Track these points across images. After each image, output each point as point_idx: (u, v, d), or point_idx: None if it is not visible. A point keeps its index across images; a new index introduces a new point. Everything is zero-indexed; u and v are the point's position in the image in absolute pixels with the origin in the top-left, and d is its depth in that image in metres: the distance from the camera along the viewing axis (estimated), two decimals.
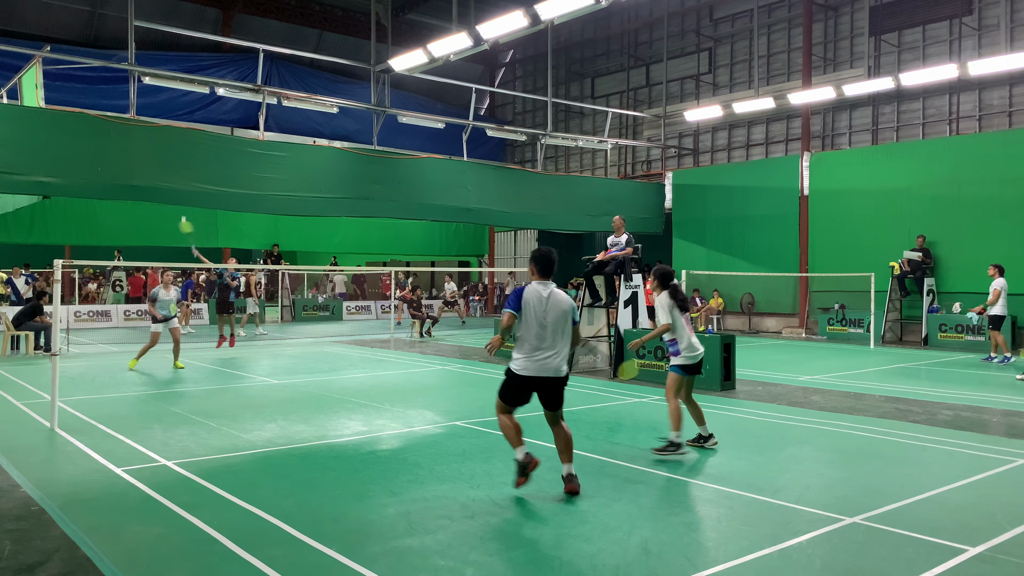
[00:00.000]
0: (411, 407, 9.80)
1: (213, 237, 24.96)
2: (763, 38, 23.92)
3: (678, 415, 7.12)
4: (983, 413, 9.43)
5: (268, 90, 19.03)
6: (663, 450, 7.09)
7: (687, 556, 4.65)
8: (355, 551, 4.68)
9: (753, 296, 22.88)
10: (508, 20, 14.48)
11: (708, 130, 25.84)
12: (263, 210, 18.36)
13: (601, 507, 5.57)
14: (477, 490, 6.00)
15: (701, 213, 24.00)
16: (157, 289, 13.67)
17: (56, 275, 8.50)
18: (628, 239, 13.00)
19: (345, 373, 13.30)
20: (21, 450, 7.32)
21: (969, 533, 5.01)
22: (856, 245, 20.27)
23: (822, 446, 7.70)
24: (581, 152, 30.13)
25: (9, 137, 13.95)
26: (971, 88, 19.77)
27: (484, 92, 32.14)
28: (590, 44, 29.58)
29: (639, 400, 10.43)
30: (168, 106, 23.76)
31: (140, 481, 6.21)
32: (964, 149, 18.88)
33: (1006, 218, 17.84)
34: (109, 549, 4.71)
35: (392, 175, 18.94)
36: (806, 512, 5.46)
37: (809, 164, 21.73)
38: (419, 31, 28.27)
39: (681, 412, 7.17)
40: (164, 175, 15.59)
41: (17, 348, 16.27)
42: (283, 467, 6.82)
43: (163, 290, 13.59)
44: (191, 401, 10.29)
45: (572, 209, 22.59)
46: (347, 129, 26.84)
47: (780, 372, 13.25)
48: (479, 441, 7.81)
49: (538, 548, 4.74)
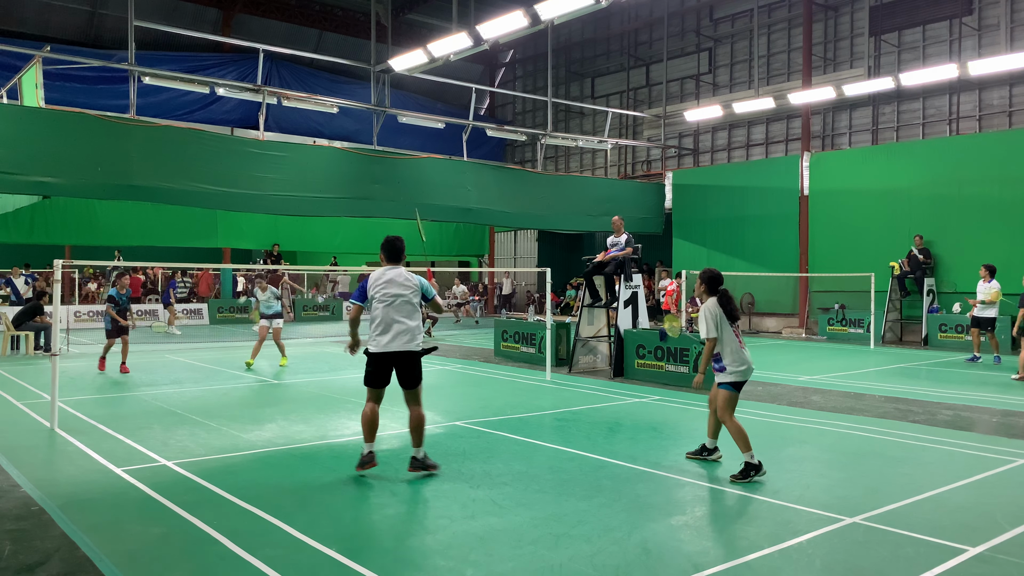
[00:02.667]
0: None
1: (213, 237, 24.99)
2: (763, 38, 23.92)
3: (742, 434, 6.29)
4: (983, 413, 9.43)
5: (268, 90, 19.03)
6: (741, 476, 6.24)
7: (687, 556, 4.65)
8: (355, 551, 4.68)
9: (753, 296, 22.87)
10: (508, 20, 14.49)
11: (708, 130, 25.84)
12: (263, 210, 18.36)
13: (601, 507, 5.57)
14: (477, 490, 6.00)
15: (701, 213, 24.00)
16: (255, 291, 14.27)
17: (56, 275, 8.49)
18: (628, 239, 13.00)
19: (345, 373, 13.30)
20: (21, 450, 7.32)
21: (969, 533, 5.01)
22: (856, 245, 20.27)
23: (822, 446, 7.70)
24: (581, 152, 30.13)
25: (9, 137, 13.95)
26: (971, 88, 19.77)
27: (484, 92, 32.13)
28: (590, 44, 29.58)
29: (639, 400, 10.43)
30: (168, 106, 23.77)
31: (140, 481, 6.21)
32: (964, 149, 18.87)
33: (1006, 218, 17.84)
34: (109, 549, 4.71)
35: (392, 175, 18.94)
36: (806, 512, 5.46)
37: (809, 164, 21.72)
38: (419, 31, 28.28)
39: (744, 431, 6.32)
40: (164, 175, 15.59)
41: (17, 348, 16.27)
42: (283, 467, 6.81)
43: (260, 292, 14.11)
44: (191, 401, 10.29)
45: (572, 209, 22.59)
46: (347, 129, 26.85)
47: (780, 372, 13.25)
48: (479, 441, 7.81)
49: (538, 548, 4.74)
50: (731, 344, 6.41)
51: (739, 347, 6.44)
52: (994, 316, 14.50)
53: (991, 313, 14.44)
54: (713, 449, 6.87)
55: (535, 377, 12.67)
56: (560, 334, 14.24)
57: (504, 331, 15.66)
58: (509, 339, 15.41)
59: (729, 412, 6.41)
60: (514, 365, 14.44)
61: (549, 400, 10.56)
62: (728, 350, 6.41)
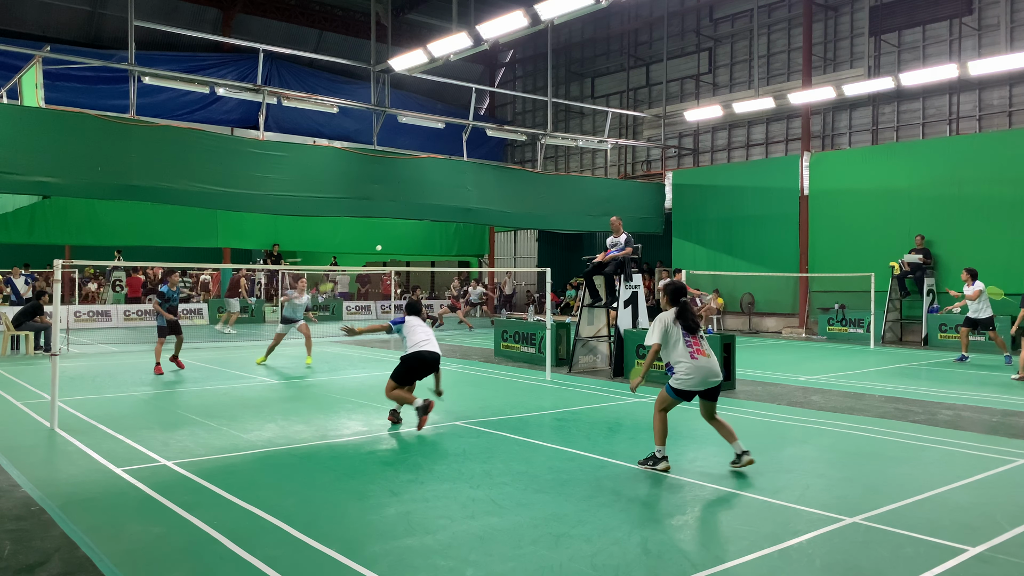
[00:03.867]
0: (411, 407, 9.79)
1: (213, 237, 24.99)
2: (763, 38, 23.92)
3: (661, 430, 6.63)
4: (983, 413, 9.43)
5: (268, 90, 19.02)
6: (646, 461, 6.72)
7: (687, 556, 4.65)
8: (355, 551, 4.68)
9: (753, 296, 22.88)
10: (508, 20, 14.48)
11: (708, 130, 25.84)
12: (263, 210, 18.36)
13: (601, 507, 5.57)
14: (477, 490, 6.00)
15: (701, 213, 24.00)
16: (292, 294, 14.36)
17: (56, 275, 8.49)
18: (627, 239, 13.00)
19: (345, 373, 13.30)
20: (21, 450, 7.32)
21: (969, 533, 5.01)
22: (856, 245, 20.28)
23: (822, 446, 7.70)
24: (581, 152, 30.13)
25: (9, 137, 13.95)
26: (971, 88, 19.77)
27: (484, 92, 32.14)
28: (590, 44, 29.58)
29: (639, 400, 10.43)
30: (168, 106, 23.77)
31: (140, 481, 6.21)
32: (964, 149, 18.87)
33: (1006, 218, 17.84)
34: (109, 549, 4.71)
35: (392, 175, 18.94)
36: (806, 512, 5.46)
37: (809, 164, 21.73)
38: (419, 31, 28.27)
39: (665, 429, 6.65)
40: (164, 175, 15.59)
41: (17, 348, 16.27)
42: (283, 467, 6.82)
43: (297, 294, 14.23)
44: (191, 401, 10.29)
45: (572, 209, 22.59)
46: (347, 129, 26.85)
47: (780, 372, 13.25)
48: (479, 441, 7.81)
49: (538, 548, 4.74)
50: (681, 355, 6.57)
51: (692, 358, 6.52)
52: (990, 316, 14.39)
53: (986, 313, 14.37)
54: (743, 453, 6.64)
55: (535, 377, 12.67)
56: (560, 334, 14.24)
57: (504, 331, 15.66)
58: (509, 339, 15.42)
59: (659, 407, 6.74)
60: (514, 365, 14.44)
61: (549, 400, 10.56)
62: (677, 359, 6.61)
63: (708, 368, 6.55)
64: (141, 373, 12.87)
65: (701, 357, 6.56)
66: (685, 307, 6.78)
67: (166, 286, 13.22)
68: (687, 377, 6.56)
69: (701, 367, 6.53)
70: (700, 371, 6.52)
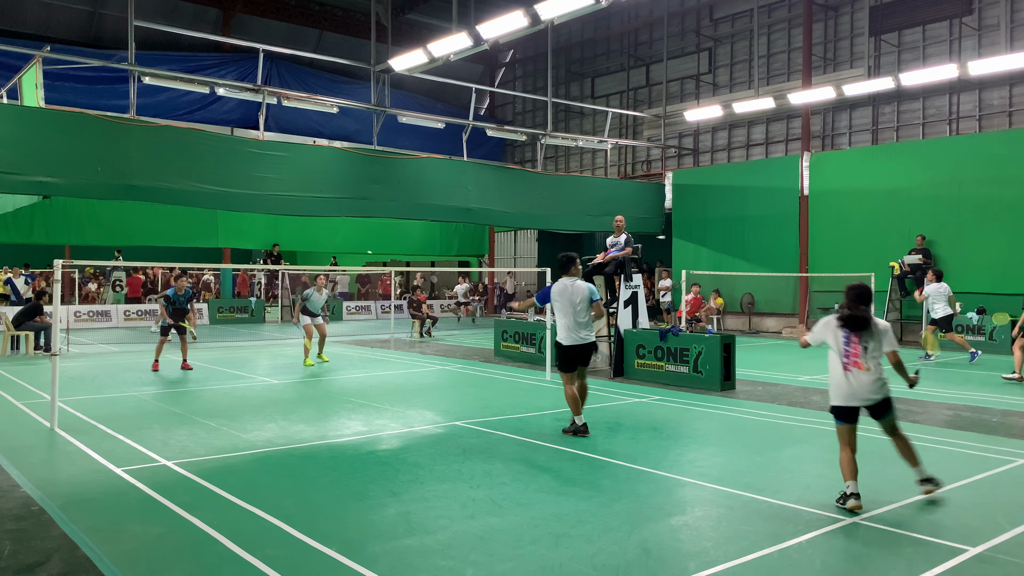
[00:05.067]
0: (411, 407, 9.81)
1: (213, 237, 24.99)
2: (763, 38, 23.92)
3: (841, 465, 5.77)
4: (983, 413, 9.43)
5: (268, 90, 19.02)
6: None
7: (687, 556, 4.65)
8: (355, 551, 4.68)
9: (753, 296, 22.87)
10: (508, 20, 14.48)
11: (708, 130, 25.84)
12: (263, 210, 18.35)
13: (601, 507, 5.57)
14: (477, 490, 6.00)
15: (701, 213, 23.99)
16: (311, 291, 14.27)
17: (56, 275, 8.49)
18: (627, 239, 13.00)
19: (345, 373, 13.30)
20: (21, 450, 7.32)
21: (969, 533, 5.01)
22: (856, 245, 20.27)
23: (822, 446, 7.69)
24: (581, 152, 30.13)
25: (9, 137, 13.94)
26: (971, 88, 19.77)
27: (484, 92, 32.14)
28: (590, 44, 29.58)
29: (639, 400, 10.43)
30: (168, 106, 23.78)
31: (140, 481, 6.21)
32: (964, 149, 18.86)
33: (1006, 218, 17.82)
34: (109, 549, 4.71)
35: (392, 175, 18.94)
36: (806, 512, 5.46)
37: (809, 164, 21.72)
38: (419, 31, 28.28)
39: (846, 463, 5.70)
40: (164, 175, 15.59)
41: (17, 348, 16.27)
42: (283, 467, 6.82)
43: (316, 292, 14.21)
44: (191, 401, 10.30)
45: (572, 209, 22.58)
46: (347, 129, 26.85)
47: (780, 372, 13.25)
48: (479, 441, 7.81)
49: (538, 548, 4.74)
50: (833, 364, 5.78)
51: (845, 369, 5.67)
52: (948, 315, 14.73)
53: (942, 313, 14.68)
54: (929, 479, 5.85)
55: (535, 377, 12.67)
56: None
57: (504, 331, 15.66)
58: (509, 339, 15.42)
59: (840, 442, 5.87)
60: (514, 365, 14.44)
61: (549, 400, 10.55)
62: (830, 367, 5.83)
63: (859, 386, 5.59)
64: (141, 373, 12.87)
65: (856, 371, 5.60)
66: (858, 316, 5.68)
67: (172, 289, 13.51)
68: (834, 390, 5.75)
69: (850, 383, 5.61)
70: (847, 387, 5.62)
